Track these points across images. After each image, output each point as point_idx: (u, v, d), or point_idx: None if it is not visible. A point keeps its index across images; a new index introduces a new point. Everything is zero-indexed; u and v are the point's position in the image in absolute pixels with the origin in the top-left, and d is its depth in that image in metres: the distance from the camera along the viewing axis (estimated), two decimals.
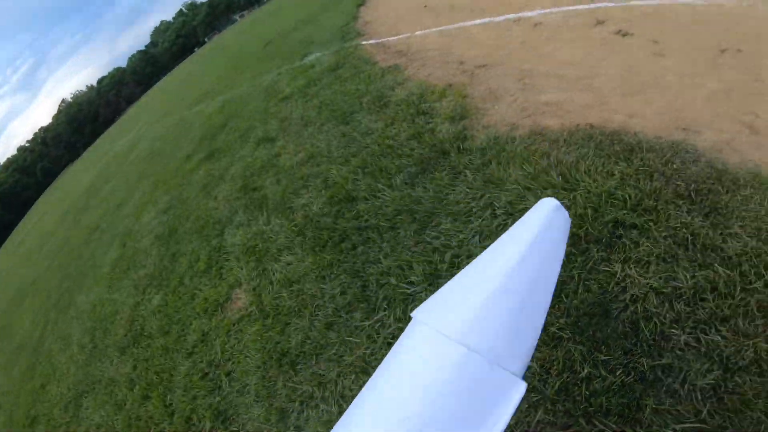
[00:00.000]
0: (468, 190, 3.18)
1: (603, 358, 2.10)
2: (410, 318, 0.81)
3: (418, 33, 7.16)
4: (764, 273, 2.14)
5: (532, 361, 2.21)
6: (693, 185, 2.62)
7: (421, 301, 2.71)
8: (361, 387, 2.59)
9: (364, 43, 7.87)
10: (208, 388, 3.41)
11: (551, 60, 4.47)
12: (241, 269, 4.21)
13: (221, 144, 7.77)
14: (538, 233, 0.77)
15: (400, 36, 7.39)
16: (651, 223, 2.49)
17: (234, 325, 3.75)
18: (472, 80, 4.71)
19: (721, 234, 2.34)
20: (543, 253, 0.74)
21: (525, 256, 0.72)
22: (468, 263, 2.76)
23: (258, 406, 2.98)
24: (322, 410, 2.65)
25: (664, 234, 2.42)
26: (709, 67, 3.66)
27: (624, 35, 4.42)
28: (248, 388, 3.14)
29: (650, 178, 2.75)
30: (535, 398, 2.11)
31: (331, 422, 2.55)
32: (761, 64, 3.54)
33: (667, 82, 3.63)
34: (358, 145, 4.44)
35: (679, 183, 2.66)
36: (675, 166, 2.79)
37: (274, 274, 3.79)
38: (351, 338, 2.86)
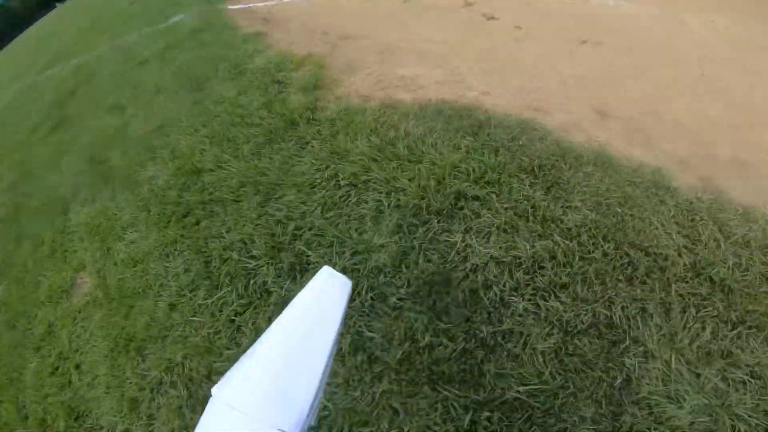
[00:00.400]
0: (314, 161, 3.07)
1: (444, 326, 2.12)
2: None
3: (286, 0, 6.79)
4: (602, 243, 2.27)
5: (374, 332, 2.18)
6: (537, 161, 2.71)
7: (263, 275, 2.59)
8: (207, 368, 2.39)
9: (230, 7, 7.30)
10: (59, 384, 3.04)
11: (415, 36, 4.45)
12: (86, 251, 3.76)
13: (71, 112, 6.83)
14: (310, 301, 0.78)
15: (268, 2, 6.97)
16: (493, 195, 2.54)
17: (79, 312, 3.37)
18: (333, 51, 4.56)
19: (561, 207, 2.45)
20: (315, 319, 0.76)
21: (293, 323, 0.73)
22: (310, 235, 2.66)
23: (109, 398, 2.70)
24: (172, 396, 2.46)
25: (505, 206, 2.48)
26: (567, 55, 3.83)
27: (489, 18, 4.53)
28: (98, 380, 2.85)
29: (495, 152, 2.80)
30: (379, 369, 2.09)
31: (182, 408, 2.39)
32: (618, 56, 3.78)
33: (524, 65, 3.76)
34: (209, 114, 4.11)
35: (523, 158, 2.74)
36: (521, 142, 2.88)
37: (118, 254, 3.43)
38: (195, 318, 2.68)
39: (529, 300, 2.14)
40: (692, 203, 2.54)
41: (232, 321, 2.54)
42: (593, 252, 2.26)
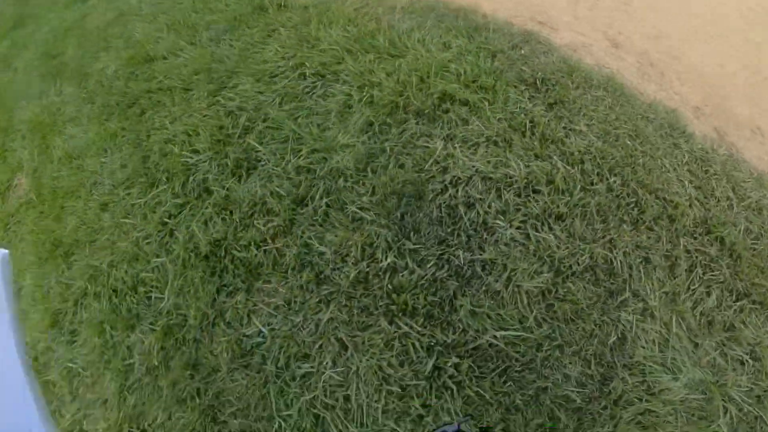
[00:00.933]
0: (279, 48, 2.61)
1: (412, 246, 1.76)
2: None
3: None
4: (608, 176, 1.96)
5: (325, 246, 1.82)
6: (540, 74, 2.35)
7: (203, 172, 2.18)
8: (132, 278, 1.96)
9: None
10: None
11: None
12: (25, 149, 3.33)
13: (32, 9, 6.25)
14: None
15: None
16: (486, 102, 2.16)
17: (12, 216, 2.98)
18: None
19: (564, 128, 2.12)
20: None
21: None
22: (263, 127, 2.19)
23: (34, 311, 2.36)
24: (95, 309, 2.11)
25: (499, 116, 2.12)
26: None
27: None
28: (24, 291, 2.49)
29: (492, 57, 2.42)
30: (327, 291, 1.73)
31: (103, 323, 2.04)
32: None
33: None
34: (172, 1, 3.59)
35: (524, 68, 2.38)
36: (523, 51, 2.52)
37: (55, 150, 3.01)
38: (126, 219, 2.30)
39: (518, 228, 1.79)
40: (707, 153, 2.26)
41: (165, 224, 2.16)
42: (597, 184, 1.93)
